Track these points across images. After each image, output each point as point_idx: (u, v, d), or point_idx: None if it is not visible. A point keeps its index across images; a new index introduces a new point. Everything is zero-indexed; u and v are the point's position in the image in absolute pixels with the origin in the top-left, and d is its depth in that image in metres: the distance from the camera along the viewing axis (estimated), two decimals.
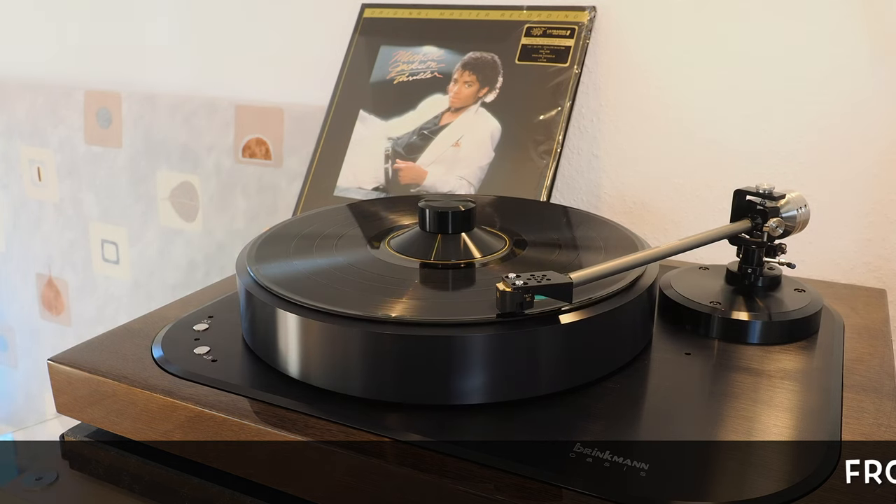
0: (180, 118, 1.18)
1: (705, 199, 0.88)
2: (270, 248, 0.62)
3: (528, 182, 0.84)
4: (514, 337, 0.47)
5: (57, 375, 0.56)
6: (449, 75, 0.93)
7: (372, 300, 0.51)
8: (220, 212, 1.16)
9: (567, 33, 0.88)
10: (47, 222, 1.36)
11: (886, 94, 0.78)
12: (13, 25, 1.39)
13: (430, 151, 0.91)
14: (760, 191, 0.61)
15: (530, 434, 0.46)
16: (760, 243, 0.61)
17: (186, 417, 0.50)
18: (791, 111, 0.82)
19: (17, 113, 1.36)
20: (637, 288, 0.54)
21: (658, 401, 0.50)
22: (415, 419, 0.47)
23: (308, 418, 0.48)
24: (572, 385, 0.50)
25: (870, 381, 0.53)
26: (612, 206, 0.93)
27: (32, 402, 1.49)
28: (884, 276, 0.81)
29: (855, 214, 0.81)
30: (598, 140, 0.92)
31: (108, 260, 1.30)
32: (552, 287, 0.48)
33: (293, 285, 0.53)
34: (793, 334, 0.58)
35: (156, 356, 0.56)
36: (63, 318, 1.39)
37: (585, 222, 0.70)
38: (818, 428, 0.46)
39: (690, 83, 0.86)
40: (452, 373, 0.48)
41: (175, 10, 1.20)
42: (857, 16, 0.77)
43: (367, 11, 1.00)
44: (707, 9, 0.84)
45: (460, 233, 0.60)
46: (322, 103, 1.02)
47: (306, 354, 0.51)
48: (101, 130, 1.26)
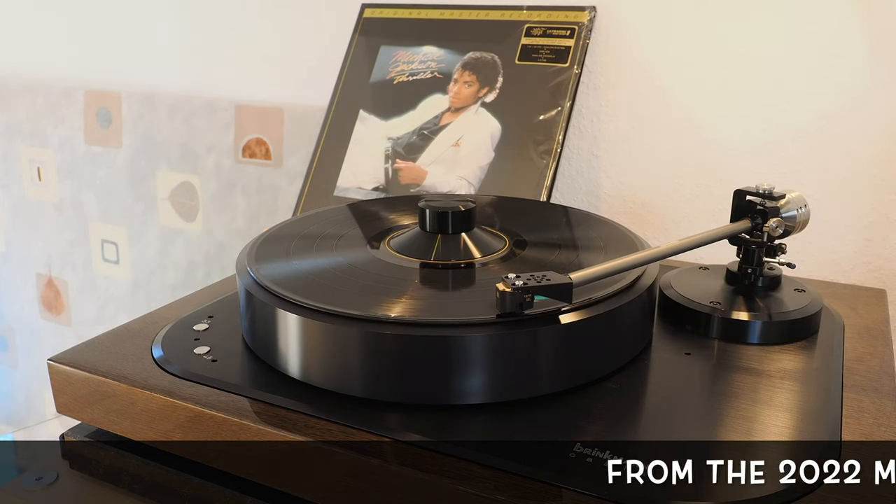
0: (180, 118, 1.18)
1: (705, 199, 0.88)
2: (270, 248, 0.62)
3: (528, 182, 0.84)
4: (513, 337, 0.47)
5: (57, 375, 0.56)
6: (449, 75, 0.93)
7: (372, 300, 0.51)
8: (220, 212, 1.16)
9: (567, 33, 0.88)
10: (47, 222, 1.36)
11: (886, 93, 0.78)
12: (13, 25, 1.39)
13: (430, 151, 0.91)
14: (760, 191, 0.61)
15: (530, 434, 0.46)
16: (760, 243, 0.61)
17: (186, 417, 0.50)
18: (791, 111, 0.82)
19: (17, 113, 1.36)
20: (637, 288, 0.54)
21: (658, 401, 0.50)
22: (415, 419, 0.47)
23: (308, 418, 0.48)
24: (572, 385, 0.50)
25: (870, 381, 0.53)
26: (612, 206, 0.93)
27: (32, 402, 1.49)
28: (884, 276, 0.81)
29: (855, 214, 0.81)
30: (598, 140, 0.92)
31: (108, 260, 1.30)
32: (552, 287, 0.48)
33: (293, 285, 0.53)
34: (793, 334, 0.58)
35: (156, 356, 0.56)
36: (63, 318, 1.39)
37: (585, 222, 0.70)
38: (818, 428, 0.46)
39: (691, 83, 0.86)
40: (452, 373, 0.48)
41: (175, 10, 1.20)
42: (856, 15, 0.77)
43: (367, 11, 1.00)
44: (707, 9, 0.84)
45: (460, 233, 0.60)
46: (322, 103, 1.02)
47: (306, 354, 0.51)
48: (101, 130, 1.26)
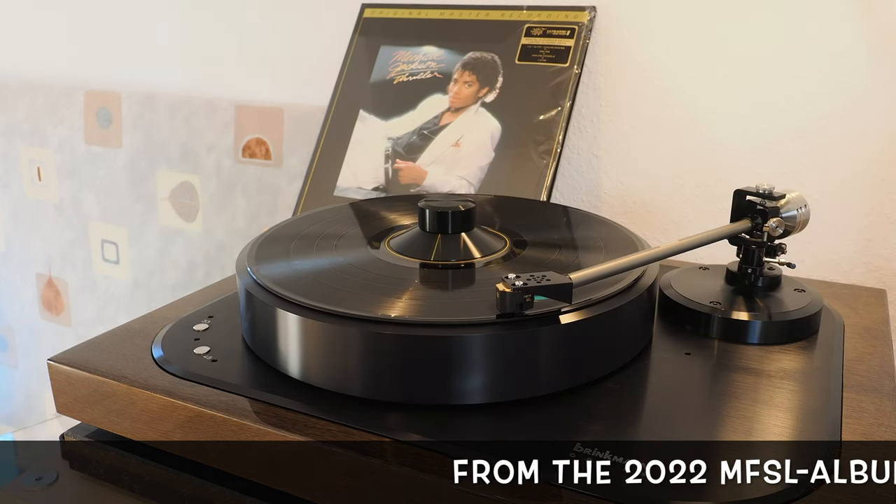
0: (180, 118, 1.18)
1: (705, 199, 0.88)
2: (270, 248, 0.62)
3: (528, 182, 0.84)
4: (513, 337, 0.47)
5: (57, 375, 0.56)
6: (449, 75, 0.93)
7: (372, 300, 0.51)
8: (220, 212, 1.16)
9: (567, 33, 0.88)
10: (47, 222, 1.36)
11: (886, 93, 0.78)
12: (13, 25, 1.39)
13: (430, 151, 0.91)
14: (760, 191, 0.61)
15: (530, 434, 0.46)
16: (760, 243, 0.61)
17: (186, 417, 0.50)
18: (791, 111, 0.82)
19: (17, 113, 1.35)
20: (637, 288, 0.54)
21: (658, 401, 0.50)
22: (415, 419, 0.47)
23: (308, 418, 0.48)
24: (572, 385, 0.50)
25: (870, 381, 0.53)
26: (612, 206, 0.93)
27: (32, 402, 1.49)
28: (884, 276, 0.81)
29: (855, 214, 0.81)
30: (598, 140, 0.92)
31: (108, 260, 1.30)
32: (552, 287, 0.48)
33: (293, 285, 0.53)
34: (793, 334, 0.58)
35: (156, 356, 0.56)
36: (63, 318, 1.39)
37: (585, 222, 0.70)
38: (818, 428, 0.46)
39: (690, 83, 0.86)
40: (452, 373, 0.48)
41: (175, 10, 1.20)
42: (856, 15, 0.77)
43: (367, 11, 1.00)
44: (707, 9, 0.84)
45: (460, 233, 0.60)
46: (322, 103, 1.02)
47: (306, 354, 0.51)
48: (101, 130, 1.26)
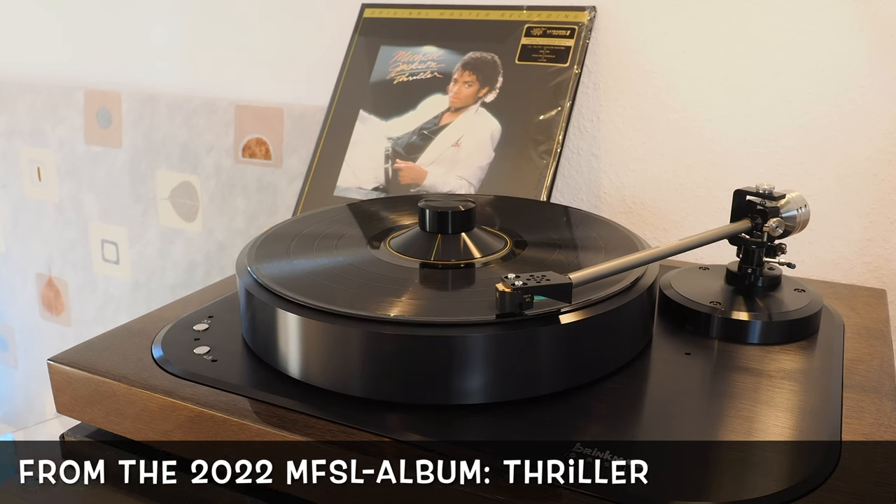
0: (180, 118, 1.18)
1: (705, 199, 0.88)
2: (270, 248, 0.62)
3: (528, 182, 0.84)
4: (513, 337, 0.47)
5: (57, 375, 0.56)
6: (449, 75, 0.93)
7: (372, 300, 0.51)
8: (220, 212, 1.16)
9: (567, 33, 0.88)
10: (47, 222, 1.36)
11: (886, 93, 0.78)
12: (13, 25, 1.39)
13: (430, 151, 0.91)
14: (760, 191, 0.61)
15: (530, 434, 0.46)
16: (760, 243, 0.61)
17: (186, 417, 0.50)
18: (791, 111, 0.82)
19: (17, 113, 1.35)
20: (637, 288, 0.54)
21: (658, 401, 0.50)
22: (415, 419, 0.47)
23: (308, 418, 0.48)
24: (572, 385, 0.50)
25: (870, 381, 0.53)
26: (612, 206, 0.93)
27: (32, 402, 1.49)
28: (884, 276, 0.81)
29: (855, 214, 0.81)
30: (598, 140, 0.92)
31: (108, 260, 1.30)
32: (552, 287, 0.48)
33: (293, 285, 0.53)
34: (793, 334, 0.58)
35: (156, 356, 0.56)
36: (63, 318, 1.39)
37: (585, 222, 0.70)
38: (818, 428, 0.46)
39: (690, 83, 0.86)
40: (452, 373, 0.48)
41: (175, 9, 1.20)
42: (856, 15, 0.77)
43: (367, 11, 1.00)
44: (707, 9, 0.84)
45: (460, 233, 0.60)
46: (322, 103, 1.02)
47: (306, 354, 0.51)
48: (101, 130, 1.26)
